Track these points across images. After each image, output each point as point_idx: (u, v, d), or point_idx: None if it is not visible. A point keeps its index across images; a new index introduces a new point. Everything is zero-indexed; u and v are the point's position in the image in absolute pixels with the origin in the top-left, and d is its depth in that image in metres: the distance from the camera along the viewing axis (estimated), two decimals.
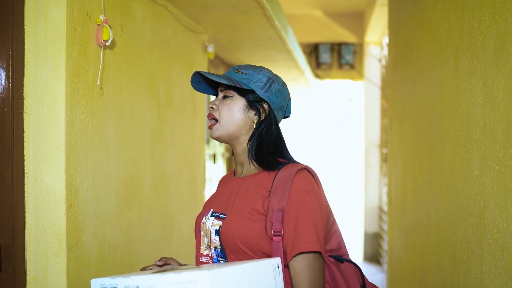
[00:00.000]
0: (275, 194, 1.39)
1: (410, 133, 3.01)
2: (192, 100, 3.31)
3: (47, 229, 1.78)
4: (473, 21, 1.75)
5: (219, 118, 1.50)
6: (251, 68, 1.53)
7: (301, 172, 1.41)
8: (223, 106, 1.50)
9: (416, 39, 2.82)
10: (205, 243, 1.49)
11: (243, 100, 1.50)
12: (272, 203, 1.38)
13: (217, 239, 1.44)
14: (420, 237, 2.65)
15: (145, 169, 2.53)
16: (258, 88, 1.49)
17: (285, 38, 3.92)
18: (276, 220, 1.36)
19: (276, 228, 1.35)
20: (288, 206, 1.37)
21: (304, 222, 1.35)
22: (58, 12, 1.77)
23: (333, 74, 7.81)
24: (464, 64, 1.85)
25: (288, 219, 1.36)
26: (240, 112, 1.49)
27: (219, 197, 1.55)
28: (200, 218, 1.54)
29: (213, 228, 1.45)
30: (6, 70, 1.74)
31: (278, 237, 1.35)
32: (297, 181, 1.39)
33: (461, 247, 1.88)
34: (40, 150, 1.78)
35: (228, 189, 1.54)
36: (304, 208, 1.37)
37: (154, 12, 2.63)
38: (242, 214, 1.41)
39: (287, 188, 1.38)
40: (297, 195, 1.38)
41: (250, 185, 1.47)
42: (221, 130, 1.50)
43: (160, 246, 2.74)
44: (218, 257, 1.46)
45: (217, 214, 1.48)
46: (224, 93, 1.52)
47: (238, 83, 1.48)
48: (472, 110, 1.75)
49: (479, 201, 1.68)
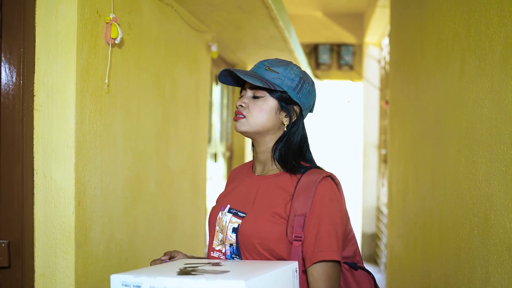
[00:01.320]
0: (298, 199, 1.39)
1: (412, 134, 3.03)
2: (196, 99, 3.32)
3: (56, 226, 1.79)
4: (481, 24, 1.77)
5: (248, 117, 1.47)
6: (281, 65, 1.49)
7: (326, 180, 1.42)
8: (254, 107, 1.46)
9: (419, 41, 2.84)
10: (219, 238, 1.49)
11: (275, 102, 1.47)
12: (294, 207, 1.38)
13: (233, 237, 1.44)
14: (422, 236, 2.67)
15: (150, 166, 2.54)
16: (290, 89, 1.46)
17: (288, 38, 3.94)
18: (297, 225, 1.36)
19: (297, 233, 1.36)
20: (311, 212, 1.37)
21: (326, 230, 1.37)
22: (69, 10, 1.78)
23: (332, 74, 7.83)
24: (471, 66, 1.86)
25: (310, 226, 1.37)
26: (271, 114, 1.47)
27: (235, 193, 1.54)
28: (216, 213, 1.53)
29: (231, 225, 1.45)
30: (17, 67, 1.76)
31: (298, 242, 1.36)
32: (321, 188, 1.40)
33: (465, 247, 1.90)
34: (50, 147, 1.79)
35: (246, 186, 1.53)
36: (326, 216, 1.38)
37: (160, 11, 2.64)
38: (263, 215, 1.41)
39: (311, 194, 1.38)
40: (320, 203, 1.38)
41: (271, 186, 1.47)
42: (247, 127, 1.47)
43: (164, 243, 2.75)
44: (232, 254, 1.46)
45: (236, 211, 1.47)
46: (254, 92, 1.48)
47: (271, 84, 1.44)
48: (478, 112, 1.77)
49: (485, 202, 1.70)
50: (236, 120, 1.49)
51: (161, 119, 2.69)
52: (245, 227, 1.42)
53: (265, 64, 1.49)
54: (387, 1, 5.11)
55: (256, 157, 1.57)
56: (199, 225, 3.48)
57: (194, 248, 3.38)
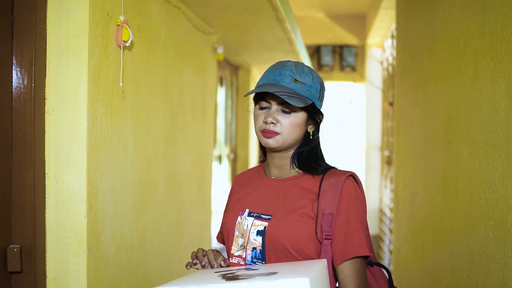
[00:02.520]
0: (324, 198, 1.42)
1: (420, 136, 3.01)
2: (202, 101, 3.31)
3: (68, 230, 1.78)
4: (496, 26, 1.75)
5: (282, 133, 1.45)
6: (305, 73, 1.47)
7: (349, 179, 1.45)
8: (286, 121, 1.44)
9: (428, 43, 2.82)
10: (239, 243, 1.48)
11: (305, 115, 1.47)
12: (321, 206, 1.41)
13: (259, 240, 1.43)
14: (432, 240, 2.66)
15: (159, 170, 2.53)
16: (316, 99, 1.47)
17: (294, 40, 3.93)
18: (326, 224, 1.39)
19: (327, 232, 1.38)
20: (338, 211, 1.40)
21: (354, 227, 1.40)
22: (81, 13, 1.76)
23: (334, 76, 7.82)
24: (485, 68, 1.85)
25: (339, 224, 1.40)
26: (302, 127, 1.48)
27: (251, 197, 1.53)
28: (234, 219, 1.51)
29: (255, 228, 1.45)
30: (29, 71, 1.74)
31: (328, 241, 1.38)
32: (346, 187, 1.43)
33: (480, 250, 1.88)
34: (61, 151, 1.77)
35: (263, 189, 1.52)
36: (354, 214, 1.41)
37: (168, 13, 2.63)
38: (291, 216, 1.42)
39: (337, 193, 1.41)
40: (347, 201, 1.41)
41: (295, 188, 1.48)
42: (281, 142, 1.46)
43: (172, 247, 2.74)
44: (255, 258, 1.44)
45: (258, 214, 1.47)
46: (284, 106, 1.45)
47: (304, 99, 1.42)
48: (494, 115, 1.75)
49: (501, 205, 1.68)
50: (268, 136, 1.46)
51: (169, 122, 2.67)
52: (273, 229, 1.42)
53: (289, 74, 1.46)
54: (391, 3, 5.10)
55: (271, 162, 1.56)
56: (205, 228, 3.47)
57: None
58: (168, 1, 2.60)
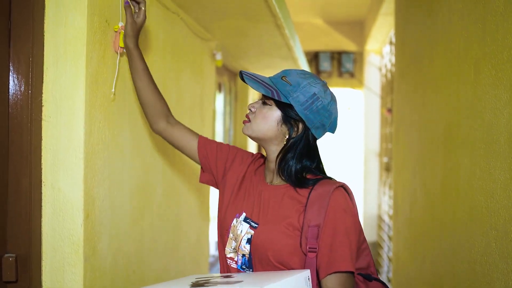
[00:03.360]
0: (311, 209, 1.37)
1: (420, 143, 3.00)
2: (200, 107, 3.29)
3: (64, 239, 1.75)
4: (497, 34, 1.74)
5: (252, 121, 1.48)
6: (299, 77, 1.45)
7: (339, 190, 1.40)
8: (259, 113, 1.47)
9: (427, 49, 2.81)
10: (232, 246, 1.47)
11: (279, 113, 1.45)
12: (307, 218, 1.37)
13: (247, 248, 1.42)
14: (432, 248, 2.64)
15: (157, 177, 2.50)
16: (297, 104, 1.42)
17: (293, 46, 3.91)
18: (311, 236, 1.35)
19: (311, 244, 1.34)
20: (324, 223, 1.35)
21: (340, 241, 1.35)
22: (79, 19, 1.74)
23: (333, 82, 7.82)
24: (486, 76, 1.84)
25: (324, 236, 1.35)
26: (272, 125, 1.46)
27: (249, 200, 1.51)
28: (230, 219, 1.50)
29: (246, 236, 1.43)
30: (25, 77, 1.72)
31: (313, 254, 1.34)
32: (334, 199, 1.38)
33: (481, 260, 1.86)
34: (58, 158, 1.75)
35: (258, 194, 1.51)
36: (340, 227, 1.36)
37: (166, 19, 2.61)
38: (277, 226, 1.39)
39: (324, 204, 1.36)
40: (334, 213, 1.37)
41: (285, 197, 1.45)
42: (250, 131, 1.49)
43: (169, 254, 2.71)
44: (243, 265, 1.44)
45: (251, 221, 1.46)
46: (264, 98, 1.49)
47: (277, 93, 1.42)
48: (496, 123, 1.74)
49: (504, 214, 1.67)
50: (244, 123, 1.52)
51: None
52: (258, 238, 1.41)
53: (284, 73, 1.47)
54: (390, 9, 5.10)
55: (266, 165, 1.57)
56: (203, 234, 3.44)
57: (198, 259, 3.34)
58: (167, 7, 2.59)
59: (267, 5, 2.73)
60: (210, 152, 1.72)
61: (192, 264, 3.16)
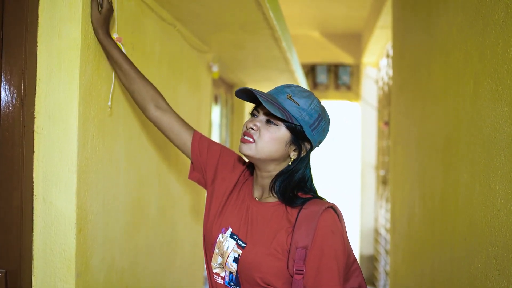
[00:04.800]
0: (300, 231, 1.34)
1: (419, 157, 2.97)
2: (197, 119, 3.26)
3: (56, 254, 1.71)
4: (497, 47, 1.72)
5: (257, 142, 1.41)
6: (303, 96, 1.42)
7: (328, 211, 1.37)
8: (265, 132, 1.41)
9: (426, 62, 2.79)
10: (218, 262, 1.44)
11: (288, 134, 1.41)
12: (295, 239, 1.34)
13: (234, 266, 1.40)
14: (431, 263, 2.60)
15: (152, 190, 2.47)
16: (306, 125, 1.40)
17: (290, 59, 3.90)
18: (298, 258, 1.32)
19: (298, 266, 1.32)
20: (312, 245, 1.32)
21: (327, 263, 1.32)
22: (73, 29, 1.71)
23: (329, 95, 7.81)
24: (486, 90, 1.81)
25: (311, 258, 1.32)
26: (281, 145, 1.41)
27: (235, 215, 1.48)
28: (216, 234, 1.47)
29: (233, 254, 1.41)
30: (18, 88, 1.69)
31: (300, 276, 1.31)
32: (323, 220, 1.35)
33: (482, 276, 1.83)
34: (51, 171, 1.71)
35: (244, 208, 1.47)
36: (328, 249, 1.33)
37: (163, 31, 2.59)
38: (265, 249, 1.36)
39: (313, 226, 1.33)
40: (322, 235, 1.34)
41: (273, 216, 1.42)
42: (254, 152, 1.41)
43: (164, 269, 2.67)
44: (230, 282, 1.41)
45: (237, 238, 1.42)
46: (268, 117, 1.42)
47: (289, 115, 1.38)
48: (496, 137, 1.71)
49: (504, 230, 1.63)
50: (244, 142, 1.43)
51: (163, 141, 2.62)
52: (245, 259, 1.38)
53: (287, 91, 1.43)
54: (387, 22, 5.10)
55: (256, 180, 1.52)
56: (198, 248, 3.40)
57: (193, 273, 3.29)
58: (163, 19, 2.57)
59: (265, 18, 2.71)
60: (202, 152, 1.65)
61: (187, 278, 3.11)
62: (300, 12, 6.65)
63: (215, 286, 1.48)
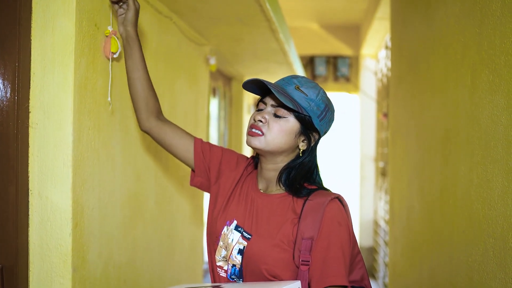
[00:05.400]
0: (305, 221, 1.34)
1: (417, 149, 2.96)
2: (195, 112, 3.25)
3: (52, 249, 1.70)
4: (495, 38, 1.71)
5: (266, 134, 1.40)
6: (310, 87, 1.43)
7: (334, 202, 1.37)
8: (275, 125, 1.40)
9: (424, 54, 2.78)
10: (222, 254, 1.43)
11: (297, 125, 1.41)
12: (301, 230, 1.34)
13: (238, 259, 1.39)
14: (430, 255, 2.60)
15: (149, 184, 2.46)
16: (315, 116, 1.41)
17: (288, 51, 3.88)
18: (304, 249, 1.32)
19: (304, 257, 1.31)
20: (318, 236, 1.33)
21: (334, 254, 1.32)
22: (67, 23, 1.70)
23: (328, 86, 7.79)
24: (484, 81, 1.80)
25: (318, 249, 1.32)
26: (290, 136, 1.41)
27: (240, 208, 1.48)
28: (221, 227, 1.46)
29: (238, 246, 1.40)
30: (12, 83, 1.67)
31: (306, 267, 1.31)
32: (329, 211, 1.35)
33: (479, 268, 1.82)
34: (46, 166, 1.70)
35: (249, 200, 1.47)
36: (334, 240, 1.33)
37: (159, 24, 2.57)
38: (271, 240, 1.36)
39: (319, 217, 1.34)
40: (328, 226, 1.34)
41: (278, 208, 1.42)
42: (264, 145, 1.40)
43: (163, 263, 2.66)
44: (233, 275, 1.41)
45: (242, 231, 1.42)
46: (276, 110, 1.41)
47: (299, 106, 1.38)
48: (493, 129, 1.70)
49: (502, 223, 1.63)
50: (252, 135, 1.42)
51: None
52: (251, 251, 1.37)
53: (295, 82, 1.42)
54: (386, 13, 5.08)
55: (260, 172, 1.52)
56: (197, 242, 3.39)
57: (193, 267, 3.29)
58: (159, 12, 2.55)
59: (262, 10, 2.69)
60: (206, 154, 1.65)
61: (186, 272, 3.12)
62: (298, 4, 6.62)
63: (217, 280, 1.47)
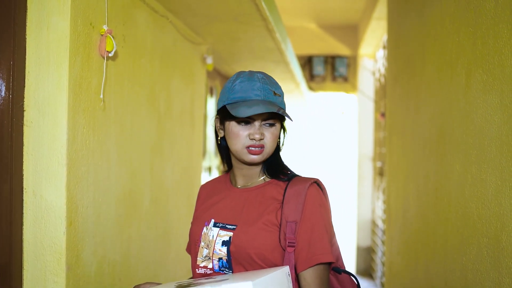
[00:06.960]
0: (288, 205, 1.41)
1: (413, 148, 2.97)
2: (191, 112, 3.25)
3: (46, 247, 1.71)
4: (488, 38, 1.71)
5: (266, 147, 1.46)
6: (275, 83, 1.49)
7: (313, 186, 1.45)
8: (269, 135, 1.46)
9: (420, 54, 2.78)
10: (204, 254, 1.47)
11: (279, 126, 1.49)
12: (285, 214, 1.40)
13: (224, 250, 1.42)
14: (425, 254, 2.60)
15: (144, 182, 2.46)
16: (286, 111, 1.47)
17: (284, 51, 3.88)
18: (289, 231, 1.38)
19: (290, 239, 1.38)
20: (302, 218, 1.40)
21: (318, 234, 1.39)
22: (62, 21, 1.70)
23: (326, 86, 7.79)
24: (478, 81, 1.81)
25: (302, 231, 1.39)
26: (277, 138, 1.49)
27: (218, 207, 1.53)
28: (199, 229, 1.51)
29: (220, 239, 1.44)
30: (7, 81, 1.67)
31: (292, 248, 1.38)
32: (310, 195, 1.43)
33: (473, 268, 1.83)
34: (40, 164, 1.71)
35: (229, 199, 1.52)
36: (318, 220, 1.41)
37: (155, 22, 2.57)
38: (255, 224, 1.41)
39: (301, 201, 1.41)
40: (310, 208, 1.41)
41: (259, 196, 1.48)
42: (265, 156, 1.48)
43: (158, 261, 2.67)
44: (222, 267, 1.44)
45: (223, 225, 1.47)
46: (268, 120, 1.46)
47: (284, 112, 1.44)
48: (487, 128, 1.71)
49: (495, 222, 1.63)
50: (257, 154, 1.45)
51: (156, 133, 2.61)
52: (238, 238, 1.42)
53: (269, 88, 1.47)
54: (383, 13, 5.08)
55: (239, 172, 1.55)
56: None
57: (188, 265, 3.29)
58: (155, 11, 2.55)
59: (258, 9, 2.69)
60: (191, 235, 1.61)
61: (182, 271, 3.12)
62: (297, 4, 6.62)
63: None
